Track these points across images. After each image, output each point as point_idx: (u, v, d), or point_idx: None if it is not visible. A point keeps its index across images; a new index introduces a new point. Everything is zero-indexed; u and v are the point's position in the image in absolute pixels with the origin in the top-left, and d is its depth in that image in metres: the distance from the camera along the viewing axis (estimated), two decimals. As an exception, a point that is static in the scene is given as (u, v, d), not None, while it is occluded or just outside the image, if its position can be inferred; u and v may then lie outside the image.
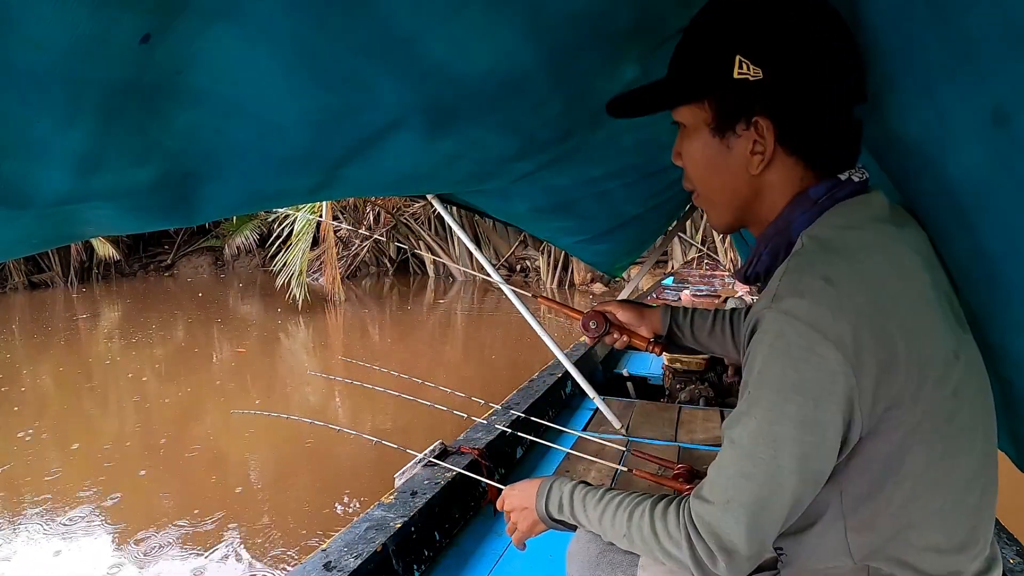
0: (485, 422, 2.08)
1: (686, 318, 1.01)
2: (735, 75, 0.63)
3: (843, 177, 0.67)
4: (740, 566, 0.62)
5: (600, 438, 2.11)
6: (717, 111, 0.67)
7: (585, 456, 1.96)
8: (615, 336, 1.02)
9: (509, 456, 2.04)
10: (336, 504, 3.23)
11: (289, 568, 2.67)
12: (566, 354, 2.29)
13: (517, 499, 0.86)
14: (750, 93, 0.64)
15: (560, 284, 11.11)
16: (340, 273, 9.81)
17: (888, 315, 0.58)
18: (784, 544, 0.74)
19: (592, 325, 1.01)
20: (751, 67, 0.62)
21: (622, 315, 1.02)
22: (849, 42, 0.64)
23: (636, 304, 1.03)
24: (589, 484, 0.81)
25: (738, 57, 0.63)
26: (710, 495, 0.63)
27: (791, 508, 0.61)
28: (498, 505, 0.90)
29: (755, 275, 0.73)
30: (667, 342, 1.01)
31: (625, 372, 3.35)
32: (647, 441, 2.19)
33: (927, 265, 0.64)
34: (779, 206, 0.69)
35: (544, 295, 1.29)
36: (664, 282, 7.22)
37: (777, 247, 0.69)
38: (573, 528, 0.83)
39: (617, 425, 2.27)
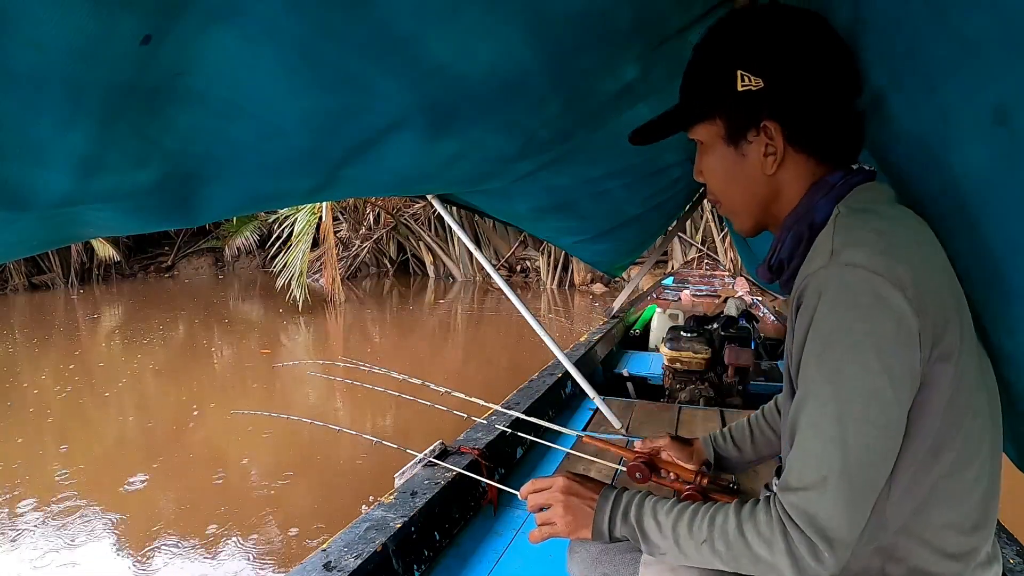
0: (485, 422, 2.08)
1: (726, 440, 1.07)
2: (739, 88, 0.70)
3: (854, 167, 0.72)
4: (842, 555, 0.59)
5: (600, 438, 2.11)
6: (728, 123, 0.74)
7: (585, 456, 1.96)
8: (663, 476, 1.08)
9: (509, 456, 2.04)
10: (336, 504, 3.23)
11: (289, 568, 2.67)
12: (566, 354, 2.29)
13: (574, 499, 0.79)
14: (755, 102, 0.70)
15: (560, 284, 11.10)
16: (340, 274, 9.81)
17: (934, 270, 0.62)
18: None
19: (638, 476, 1.06)
20: (752, 78, 0.69)
21: (674, 451, 1.07)
22: (834, 40, 0.70)
23: (681, 440, 1.09)
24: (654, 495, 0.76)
25: (739, 72, 0.70)
26: (799, 482, 0.60)
27: (882, 468, 0.60)
28: (531, 499, 0.84)
29: (779, 262, 0.76)
30: (716, 468, 1.07)
31: (625, 372, 3.34)
32: (647, 441, 2.18)
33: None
34: (796, 200, 0.73)
35: (589, 433, 1.29)
36: (664, 282, 7.22)
37: (800, 231, 0.72)
38: (620, 540, 0.76)
39: (617, 425, 2.27)
